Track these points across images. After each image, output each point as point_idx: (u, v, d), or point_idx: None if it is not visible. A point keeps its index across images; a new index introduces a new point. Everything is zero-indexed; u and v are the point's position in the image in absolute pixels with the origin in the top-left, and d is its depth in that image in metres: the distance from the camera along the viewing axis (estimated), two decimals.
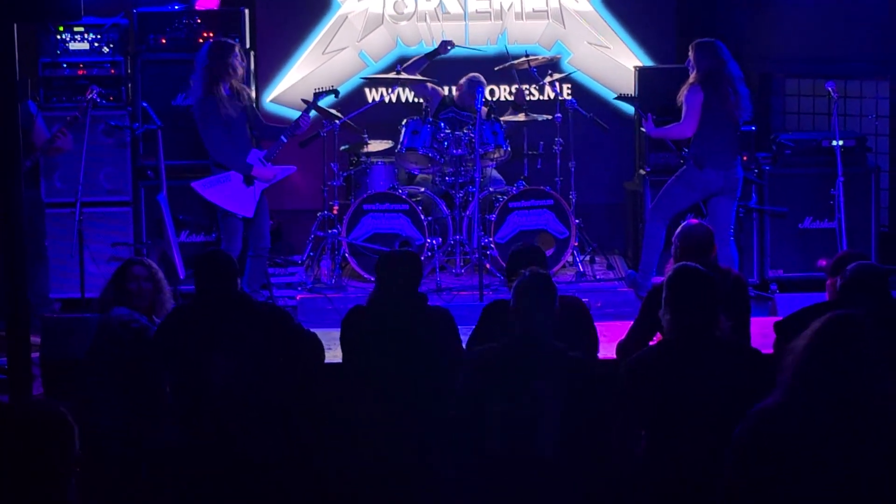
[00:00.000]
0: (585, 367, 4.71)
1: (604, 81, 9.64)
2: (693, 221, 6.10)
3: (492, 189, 8.73)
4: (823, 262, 7.94)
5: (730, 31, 9.12)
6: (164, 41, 8.64)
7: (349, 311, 5.53)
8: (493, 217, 8.43)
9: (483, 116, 8.33)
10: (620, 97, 9.02)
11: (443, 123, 8.62)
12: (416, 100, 9.44)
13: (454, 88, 9.17)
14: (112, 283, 5.90)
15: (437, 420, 5.05)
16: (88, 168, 7.90)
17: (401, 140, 8.56)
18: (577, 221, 8.60)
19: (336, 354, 5.83)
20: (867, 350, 3.69)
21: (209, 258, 5.47)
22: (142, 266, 5.90)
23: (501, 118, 8.78)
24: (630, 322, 5.77)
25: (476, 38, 9.58)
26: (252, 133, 8.08)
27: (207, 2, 8.89)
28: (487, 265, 8.37)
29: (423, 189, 8.79)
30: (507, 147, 8.59)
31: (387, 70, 9.39)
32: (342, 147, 8.76)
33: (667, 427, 4.52)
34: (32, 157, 7.85)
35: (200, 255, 5.53)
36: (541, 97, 9.55)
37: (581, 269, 8.58)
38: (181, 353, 5.29)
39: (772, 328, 5.49)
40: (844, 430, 3.64)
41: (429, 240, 8.41)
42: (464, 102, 9.03)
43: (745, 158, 8.39)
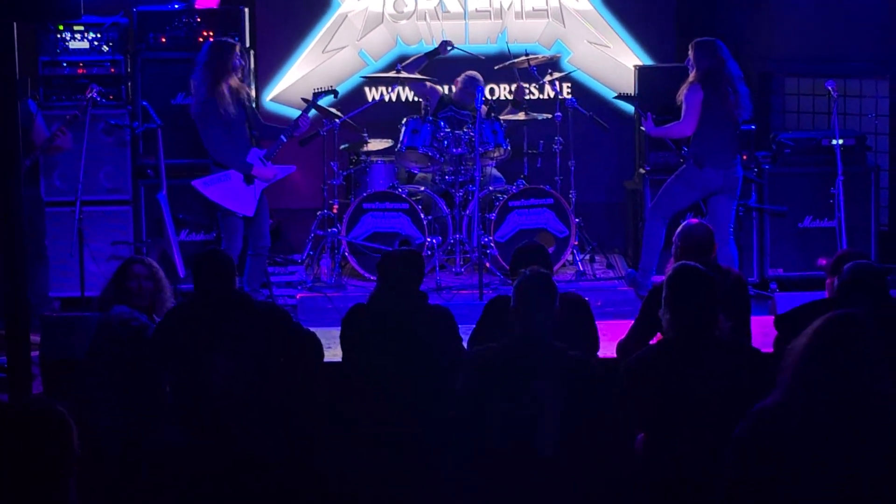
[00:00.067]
0: (585, 367, 4.71)
1: (604, 80, 9.64)
2: (693, 221, 6.10)
3: (492, 188, 8.72)
4: (823, 261, 7.94)
5: (729, 30, 9.11)
6: (164, 40, 8.63)
7: (349, 310, 5.53)
8: (493, 216, 8.43)
9: (483, 115, 8.32)
10: (620, 96, 9.02)
11: (442, 122, 8.61)
12: (416, 99, 9.43)
13: (452, 87, 9.17)
14: (112, 282, 5.90)
15: (438, 419, 5.05)
16: (88, 167, 7.89)
17: (401, 139, 8.56)
18: (577, 220, 8.60)
19: (336, 353, 5.83)
20: (867, 350, 3.69)
21: (208, 257, 5.46)
22: (142, 265, 5.90)
23: (501, 116, 8.77)
24: (630, 321, 5.77)
25: (476, 37, 9.58)
26: (252, 133, 8.07)
27: (207, 1, 8.88)
28: (487, 264, 8.37)
29: (423, 188, 8.79)
30: (507, 146, 8.58)
31: (387, 69, 9.39)
32: (342, 146, 8.75)
33: (667, 427, 4.52)
34: (32, 156, 7.85)
35: (199, 255, 5.52)
36: (541, 96, 9.54)
37: (581, 268, 8.58)
38: (180, 353, 5.29)
39: (772, 327, 5.50)
40: (844, 430, 3.64)
41: (429, 239, 8.40)
42: (462, 101, 9.03)
43: (745, 157, 8.39)
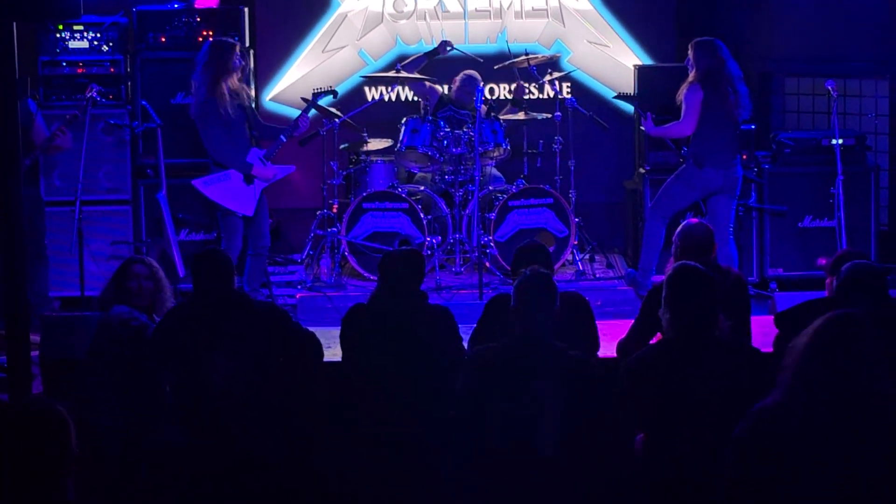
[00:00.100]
0: (585, 367, 4.71)
1: (603, 80, 9.64)
2: (693, 220, 6.09)
3: (491, 187, 8.72)
4: (823, 261, 7.93)
5: (729, 30, 9.11)
6: (164, 39, 8.63)
7: (349, 310, 5.53)
8: (493, 215, 8.42)
9: (482, 115, 8.32)
10: (620, 96, 9.01)
11: (442, 122, 8.61)
12: (416, 98, 9.43)
13: (450, 86, 9.17)
14: (112, 282, 5.90)
15: (437, 419, 5.05)
16: (88, 166, 7.88)
17: (400, 138, 8.56)
18: (577, 220, 8.59)
19: (336, 353, 5.83)
20: (867, 350, 3.69)
21: (207, 257, 5.46)
22: (142, 265, 5.90)
23: (501, 116, 8.77)
24: (630, 321, 5.77)
25: (476, 37, 9.58)
26: (251, 133, 8.07)
27: (207, 0, 8.88)
28: (487, 264, 8.37)
29: (423, 187, 8.78)
30: (507, 145, 8.58)
31: (386, 69, 9.38)
32: (342, 145, 8.75)
33: (667, 427, 4.52)
34: (32, 156, 7.84)
35: (198, 254, 5.51)
36: (540, 96, 9.54)
37: (581, 268, 8.58)
38: (179, 353, 5.29)
39: (772, 327, 5.49)
40: (844, 430, 3.64)
41: (428, 238, 8.40)
42: (460, 100, 9.03)
43: (745, 157, 8.38)
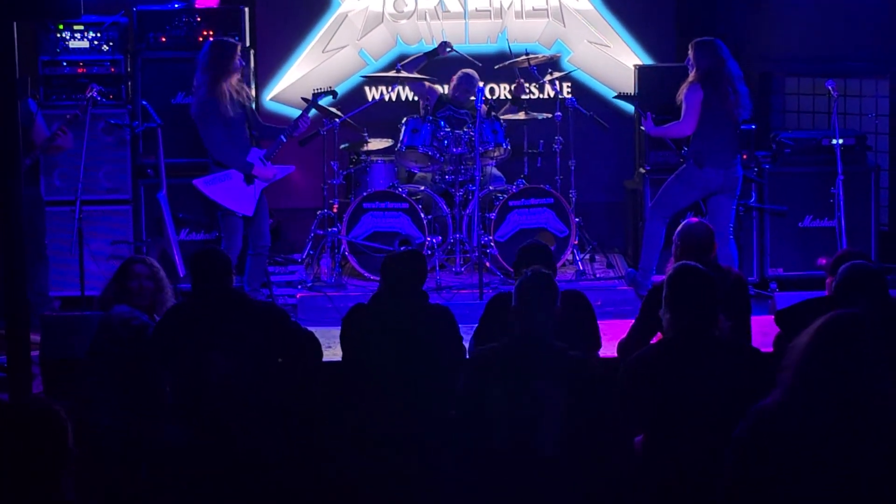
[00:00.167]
0: (586, 367, 4.71)
1: (604, 80, 9.64)
2: (693, 220, 6.09)
3: (492, 187, 8.72)
4: (823, 261, 7.94)
5: (729, 30, 9.11)
6: (164, 39, 8.63)
7: (350, 310, 5.53)
8: (493, 215, 8.42)
9: (483, 115, 8.32)
10: (620, 96, 9.01)
11: (442, 122, 8.61)
12: (416, 98, 9.43)
13: (449, 86, 9.17)
14: (113, 282, 5.90)
15: (438, 419, 5.05)
16: (88, 166, 7.89)
17: (401, 138, 8.56)
18: (577, 220, 8.59)
19: (336, 353, 5.82)
20: (867, 350, 3.69)
21: (204, 256, 5.46)
22: (143, 264, 5.90)
23: (501, 116, 8.77)
24: (630, 321, 5.77)
25: (476, 37, 9.58)
26: (251, 133, 8.07)
27: (207, 0, 8.88)
28: (487, 263, 8.37)
29: (423, 187, 8.78)
30: (507, 145, 8.58)
31: (387, 69, 9.38)
32: (342, 145, 8.75)
33: (666, 427, 4.52)
34: (32, 156, 7.84)
35: (196, 254, 5.51)
36: (541, 96, 9.54)
37: (581, 268, 8.58)
38: (179, 352, 5.28)
39: (772, 327, 5.49)
40: (844, 430, 3.64)
41: (429, 238, 8.40)
42: (458, 99, 9.03)
43: (745, 157, 8.38)
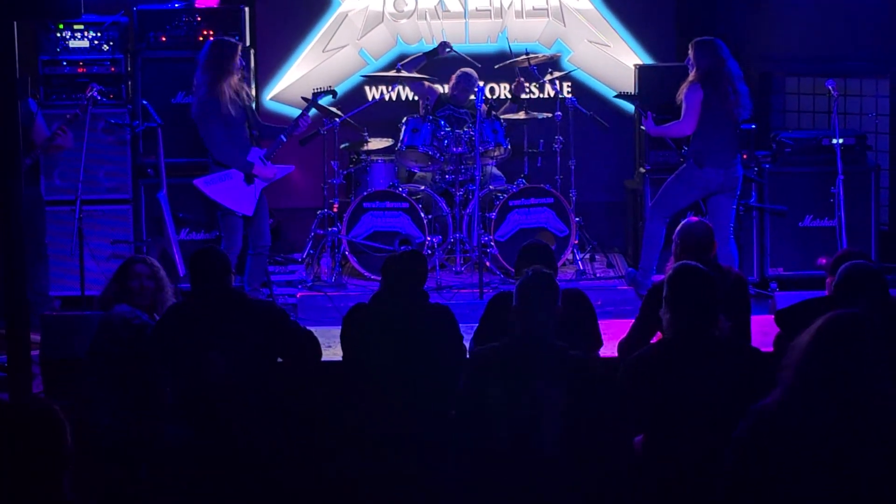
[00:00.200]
0: (586, 367, 4.71)
1: (604, 79, 9.64)
2: (693, 219, 6.08)
3: (492, 187, 8.72)
4: (823, 261, 7.93)
5: (730, 30, 9.11)
6: (164, 39, 8.63)
7: (350, 309, 5.52)
8: (494, 215, 8.43)
9: (483, 114, 8.32)
10: (620, 95, 9.01)
11: (443, 121, 8.61)
12: (416, 98, 9.43)
13: (447, 85, 9.18)
14: (114, 281, 5.89)
15: (438, 419, 5.05)
16: (88, 166, 7.89)
17: (401, 138, 8.56)
18: (578, 219, 8.59)
19: (336, 352, 5.82)
20: (867, 349, 3.69)
21: (204, 256, 5.46)
22: (144, 264, 5.90)
23: (501, 115, 8.77)
24: (630, 320, 5.77)
25: (476, 36, 9.57)
26: (251, 132, 8.07)
27: (207, 0, 8.88)
28: (487, 263, 8.37)
29: (424, 187, 8.78)
30: (507, 145, 8.58)
31: (387, 68, 9.38)
32: (342, 145, 8.75)
33: (666, 427, 4.52)
34: (32, 155, 7.85)
35: (195, 254, 5.51)
36: (541, 95, 9.54)
37: (581, 268, 8.58)
38: (178, 351, 5.28)
39: (772, 327, 5.49)
40: (844, 430, 3.64)
41: (429, 238, 8.40)
42: (457, 98, 9.04)
43: (745, 157, 8.38)
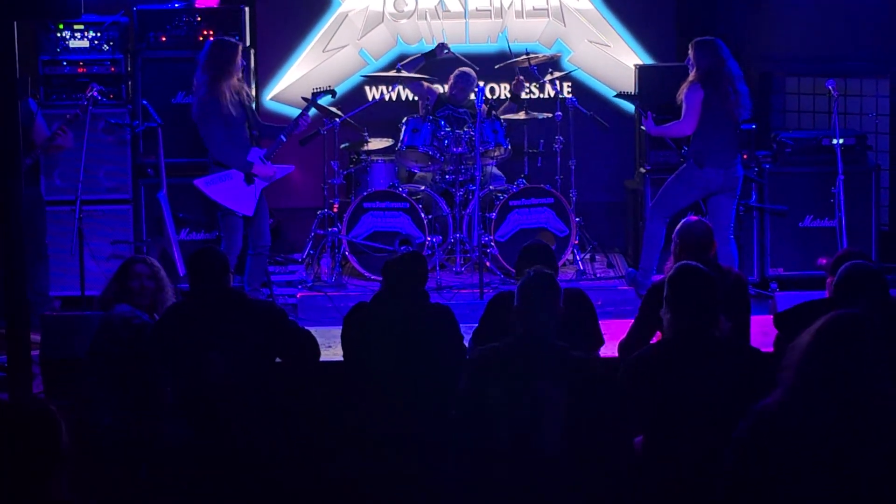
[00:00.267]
0: (587, 367, 4.71)
1: (604, 79, 9.64)
2: (693, 218, 6.08)
3: (492, 187, 8.72)
4: (824, 261, 7.93)
5: (730, 30, 9.10)
6: (165, 39, 8.63)
7: (351, 309, 5.52)
8: (494, 215, 8.43)
9: (483, 114, 8.32)
10: (620, 95, 9.01)
11: (443, 121, 8.62)
12: (416, 98, 9.43)
13: (446, 86, 9.18)
14: (114, 281, 5.90)
15: (439, 419, 5.05)
16: (88, 166, 7.89)
17: (401, 138, 8.56)
18: (578, 220, 8.59)
19: (336, 352, 5.82)
20: (868, 350, 3.69)
21: (202, 256, 5.46)
22: (144, 264, 5.90)
23: (501, 115, 8.77)
24: (630, 320, 5.76)
25: (476, 36, 9.57)
26: (251, 132, 8.07)
27: (207, 0, 8.88)
28: (488, 263, 8.37)
29: (424, 187, 8.78)
30: (508, 145, 8.58)
31: (387, 68, 9.38)
32: (342, 145, 8.75)
33: (666, 427, 4.52)
34: (32, 155, 7.85)
35: (193, 254, 5.52)
36: (541, 95, 9.54)
37: (581, 268, 8.58)
38: (177, 351, 5.29)
39: (772, 327, 5.49)
40: (845, 430, 3.63)
41: (429, 238, 8.40)
42: (456, 98, 9.04)
43: (746, 157, 8.38)
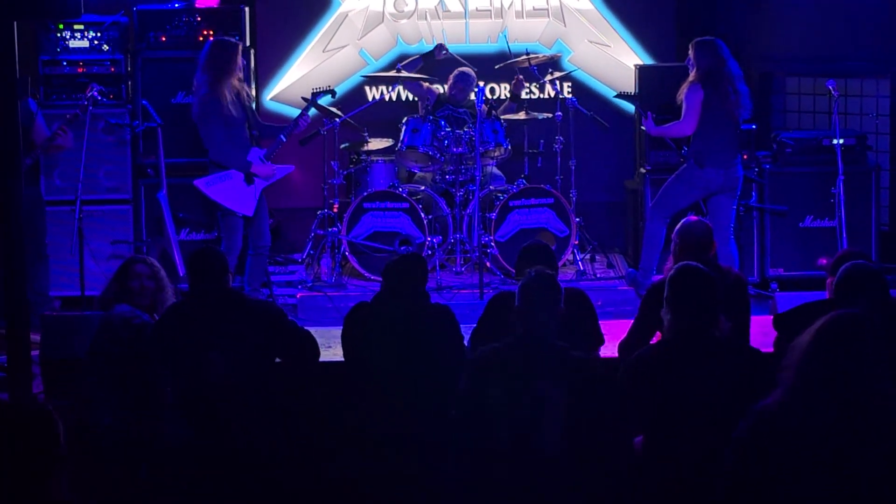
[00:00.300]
0: (588, 367, 4.70)
1: (604, 80, 9.63)
2: (693, 218, 6.08)
3: (492, 187, 8.72)
4: (824, 261, 7.93)
5: (730, 30, 9.10)
6: (164, 39, 8.63)
7: (351, 309, 5.52)
8: (494, 215, 8.42)
9: (483, 114, 8.32)
10: (620, 95, 9.01)
11: (443, 122, 8.61)
12: (416, 98, 9.43)
13: (446, 86, 9.18)
14: (114, 281, 5.90)
15: (439, 419, 5.05)
16: (88, 166, 7.89)
17: (401, 138, 8.56)
18: (578, 220, 8.59)
19: (336, 353, 5.82)
20: (868, 350, 3.69)
21: (202, 256, 5.46)
22: (144, 264, 5.90)
23: (501, 115, 8.77)
24: (630, 320, 5.76)
25: (476, 37, 9.57)
26: (251, 133, 8.07)
27: (207, 0, 8.88)
28: (488, 263, 8.36)
29: (424, 187, 8.78)
30: (508, 145, 8.58)
31: (387, 68, 9.38)
32: (342, 145, 8.75)
33: (666, 427, 4.52)
34: (32, 155, 7.85)
35: (192, 254, 5.52)
36: (541, 95, 9.54)
37: (581, 268, 8.58)
38: (177, 351, 5.29)
39: (772, 327, 5.49)
40: (845, 430, 3.64)
41: (429, 238, 8.40)
42: (455, 98, 9.04)
43: (746, 157, 8.38)
